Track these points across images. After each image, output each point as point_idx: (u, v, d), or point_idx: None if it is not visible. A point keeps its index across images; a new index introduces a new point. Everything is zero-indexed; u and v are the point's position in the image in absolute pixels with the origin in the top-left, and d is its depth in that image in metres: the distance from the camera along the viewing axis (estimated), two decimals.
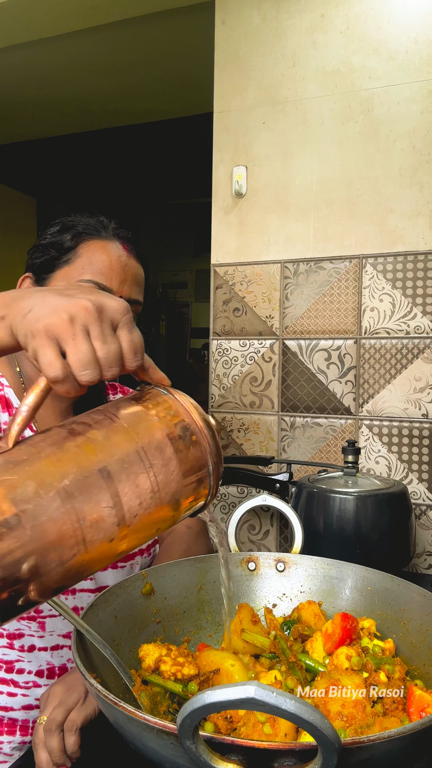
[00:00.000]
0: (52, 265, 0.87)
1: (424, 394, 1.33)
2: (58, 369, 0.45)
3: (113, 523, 0.44)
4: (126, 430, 0.47)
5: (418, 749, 0.47)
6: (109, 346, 0.47)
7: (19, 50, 2.20)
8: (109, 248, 0.86)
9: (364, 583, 0.77)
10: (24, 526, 0.40)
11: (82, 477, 0.43)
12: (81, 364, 0.46)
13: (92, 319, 0.47)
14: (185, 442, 0.49)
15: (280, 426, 1.47)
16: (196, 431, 0.50)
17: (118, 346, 0.48)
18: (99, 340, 0.47)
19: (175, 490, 0.48)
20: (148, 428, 0.48)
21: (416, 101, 1.33)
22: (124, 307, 0.49)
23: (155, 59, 2.27)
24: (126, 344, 0.49)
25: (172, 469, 0.47)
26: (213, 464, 0.50)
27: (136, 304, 0.89)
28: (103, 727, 0.57)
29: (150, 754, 0.48)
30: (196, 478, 0.49)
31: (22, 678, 0.83)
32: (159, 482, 0.47)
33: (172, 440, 0.48)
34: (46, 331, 0.46)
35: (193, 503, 0.51)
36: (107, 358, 0.47)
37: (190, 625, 0.77)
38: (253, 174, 1.49)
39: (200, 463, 0.50)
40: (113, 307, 0.48)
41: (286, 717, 0.35)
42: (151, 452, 0.47)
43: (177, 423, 0.49)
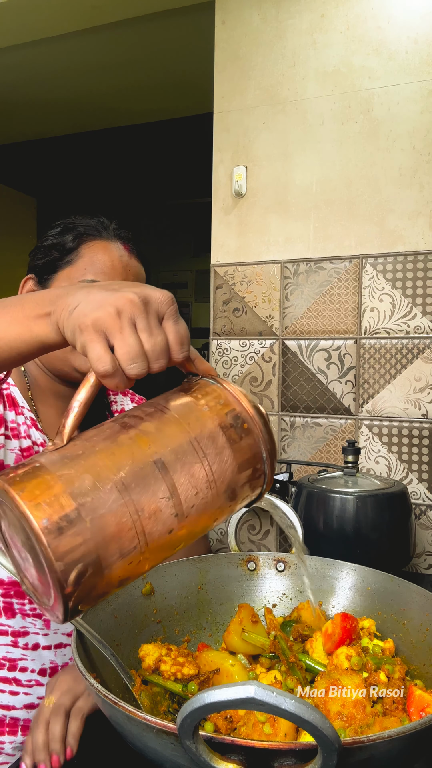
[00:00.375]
0: (55, 266, 0.87)
1: (424, 394, 1.33)
2: (108, 363, 0.45)
3: (171, 513, 0.44)
4: (178, 421, 0.47)
5: (418, 749, 0.47)
6: (155, 338, 0.47)
7: (19, 50, 2.20)
8: (110, 248, 0.87)
9: (364, 583, 0.77)
10: (84, 519, 0.41)
11: (138, 469, 0.44)
12: (129, 357, 0.46)
13: (138, 311, 0.47)
14: (237, 430, 0.49)
15: (280, 426, 1.47)
16: (248, 419, 0.50)
17: (165, 338, 0.48)
18: (146, 333, 0.47)
19: (231, 479, 0.47)
20: (199, 418, 0.48)
21: (416, 101, 1.33)
22: (170, 298, 0.49)
23: (155, 59, 2.27)
24: (172, 336, 0.48)
25: (225, 458, 0.47)
26: (267, 452, 0.50)
27: None
28: (103, 727, 0.57)
29: (150, 754, 0.48)
30: (250, 467, 0.49)
31: (24, 676, 0.83)
32: (214, 471, 0.46)
33: (224, 429, 0.48)
34: (94, 325, 0.46)
35: (249, 493, 0.50)
36: (154, 350, 0.47)
37: (190, 625, 0.77)
38: (253, 174, 1.49)
39: (254, 451, 0.49)
40: (158, 298, 0.48)
41: (285, 717, 0.35)
42: (204, 442, 0.47)
43: (228, 412, 0.49)
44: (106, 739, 0.69)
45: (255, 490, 0.51)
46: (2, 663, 0.83)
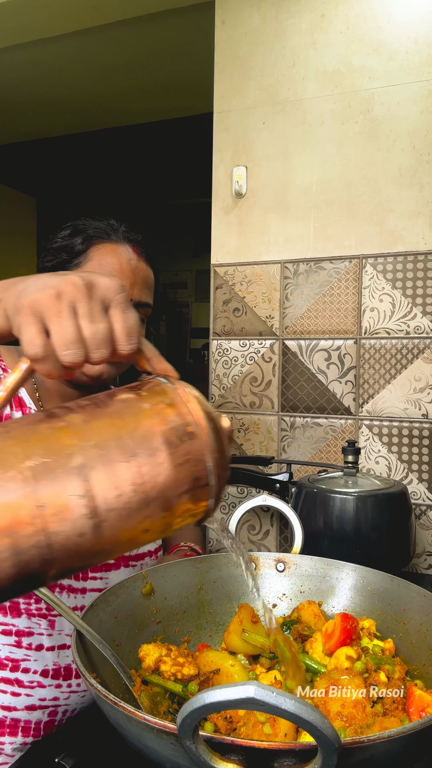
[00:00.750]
0: (63, 268, 0.88)
1: (424, 394, 1.33)
2: (39, 347, 0.42)
3: (83, 514, 0.39)
4: (110, 416, 0.43)
5: (418, 749, 0.47)
6: (96, 326, 0.44)
7: (19, 50, 2.20)
8: (119, 251, 0.87)
9: (364, 583, 0.77)
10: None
11: (50, 459, 0.40)
12: (64, 343, 0.43)
13: (80, 295, 0.43)
14: (179, 433, 0.43)
15: (280, 426, 1.47)
16: (193, 422, 0.44)
17: (108, 327, 0.44)
18: (86, 319, 0.43)
19: (164, 485, 0.42)
20: (135, 414, 0.43)
21: (416, 101, 1.33)
22: (118, 286, 0.46)
23: (155, 59, 2.27)
24: (118, 325, 0.45)
25: (159, 461, 0.42)
26: (213, 461, 0.44)
27: (146, 306, 0.91)
28: (103, 727, 0.57)
29: (150, 754, 0.48)
30: (190, 475, 0.43)
31: (27, 677, 0.83)
32: (143, 474, 0.41)
33: (162, 429, 0.43)
34: (30, 307, 0.43)
35: (190, 505, 0.45)
36: (94, 338, 0.43)
37: (190, 625, 0.77)
38: (253, 174, 1.49)
39: (196, 458, 0.44)
40: (105, 284, 0.45)
41: (285, 717, 0.35)
42: (135, 440, 0.42)
43: (171, 413, 0.44)
44: (106, 739, 0.69)
45: (198, 503, 0.45)
46: (5, 663, 0.83)
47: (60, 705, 0.86)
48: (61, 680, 0.85)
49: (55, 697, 0.85)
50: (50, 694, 0.84)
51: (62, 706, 0.86)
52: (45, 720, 0.85)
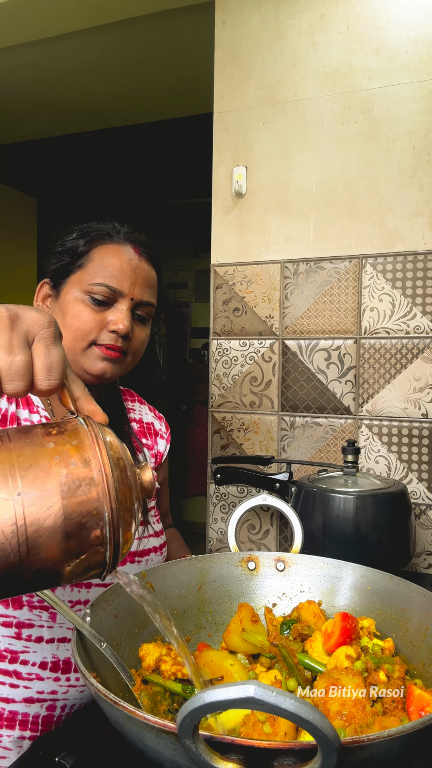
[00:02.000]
0: (67, 270, 0.90)
1: (423, 393, 1.33)
2: None
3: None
4: (8, 450, 0.42)
5: (418, 748, 0.47)
6: (13, 357, 0.44)
7: (19, 50, 2.20)
8: (120, 252, 0.89)
9: (364, 583, 0.77)
10: None
11: None
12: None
13: (2, 326, 0.44)
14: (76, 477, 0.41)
15: (279, 426, 1.47)
16: (97, 469, 0.42)
17: (26, 360, 0.44)
18: (4, 350, 0.44)
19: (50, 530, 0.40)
20: (35, 453, 0.42)
21: (416, 101, 1.33)
22: (46, 321, 0.46)
23: (155, 59, 2.27)
24: (39, 360, 0.45)
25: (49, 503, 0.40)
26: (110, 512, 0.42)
27: (148, 305, 0.92)
28: (103, 727, 0.57)
29: (150, 754, 0.48)
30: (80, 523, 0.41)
31: (25, 669, 0.84)
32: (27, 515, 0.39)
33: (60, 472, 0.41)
34: None
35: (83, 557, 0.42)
36: (9, 370, 0.43)
37: (190, 624, 0.77)
38: (253, 174, 1.49)
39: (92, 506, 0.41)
40: (31, 318, 0.45)
41: (285, 716, 0.35)
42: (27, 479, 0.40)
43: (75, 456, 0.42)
44: (106, 739, 0.69)
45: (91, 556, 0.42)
46: (4, 655, 0.83)
47: (58, 699, 0.86)
48: (59, 673, 0.85)
49: (53, 690, 0.85)
50: (48, 687, 0.85)
51: (60, 701, 0.86)
52: (43, 714, 0.85)
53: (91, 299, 0.86)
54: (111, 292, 0.86)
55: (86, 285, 0.86)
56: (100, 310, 0.87)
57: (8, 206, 3.70)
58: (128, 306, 0.88)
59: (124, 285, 0.87)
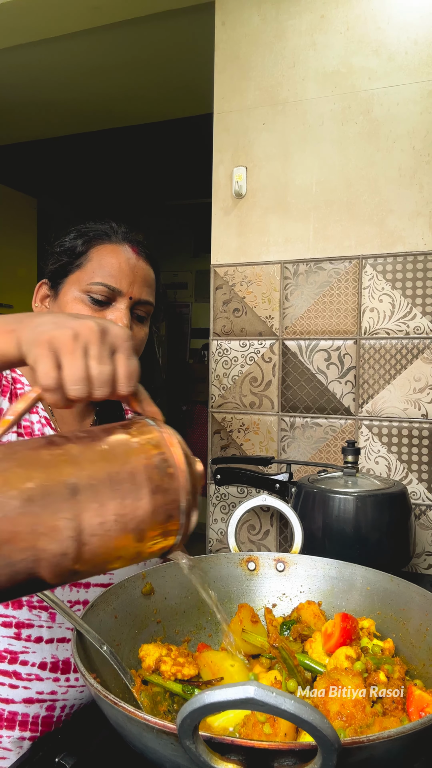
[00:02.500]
0: (65, 270, 0.90)
1: (423, 394, 1.33)
2: (51, 379, 0.48)
3: (69, 536, 0.43)
4: (103, 450, 0.48)
5: (418, 749, 0.47)
6: (103, 367, 0.49)
7: (19, 51, 2.20)
8: (118, 251, 0.89)
9: (364, 583, 0.77)
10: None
11: (48, 484, 0.44)
12: (73, 379, 0.48)
13: (94, 338, 0.49)
14: (160, 472, 0.48)
15: (279, 426, 1.47)
16: (174, 465, 0.49)
17: (113, 369, 0.50)
18: (95, 360, 0.49)
19: (141, 518, 0.47)
20: (125, 452, 0.48)
21: (416, 102, 1.33)
22: (127, 335, 0.52)
23: (155, 60, 2.27)
24: (121, 369, 0.50)
25: (141, 495, 0.47)
26: (186, 501, 0.49)
27: (147, 304, 0.93)
28: (103, 727, 0.57)
29: (150, 754, 0.48)
30: (165, 513, 0.48)
31: (25, 669, 0.84)
32: (125, 506, 0.46)
33: (146, 468, 0.48)
34: (48, 342, 0.49)
35: (160, 539, 0.49)
36: (99, 378, 0.49)
37: (190, 625, 0.77)
38: (253, 174, 1.49)
39: (172, 497, 0.48)
40: (116, 332, 0.51)
41: (285, 717, 0.36)
42: (122, 475, 0.46)
43: (156, 454, 0.49)
44: (106, 739, 0.69)
45: (167, 538, 0.50)
46: (3, 656, 0.83)
47: (58, 699, 0.86)
48: (59, 674, 0.85)
49: (52, 690, 0.85)
50: (48, 688, 0.85)
51: (60, 701, 0.86)
52: (43, 715, 0.85)
53: (90, 299, 0.86)
54: (110, 291, 0.86)
55: (85, 284, 0.87)
56: (99, 309, 0.87)
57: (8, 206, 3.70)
58: (127, 305, 0.88)
59: (122, 284, 0.87)
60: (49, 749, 0.70)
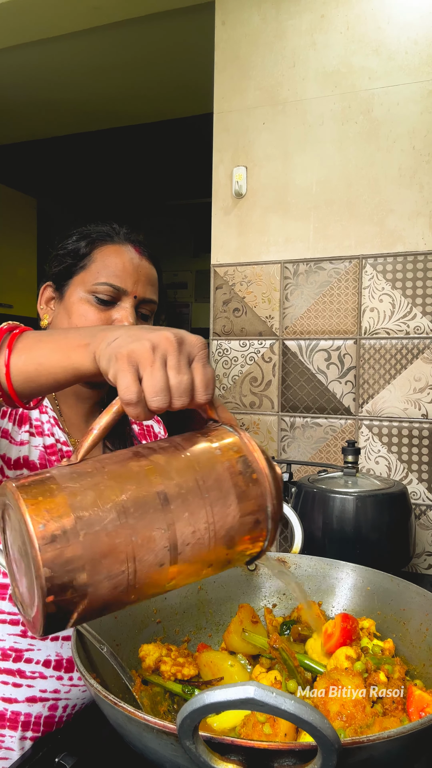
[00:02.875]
0: (70, 272, 0.91)
1: (423, 394, 1.33)
2: (133, 393, 0.48)
3: (164, 546, 0.44)
4: (188, 459, 0.48)
5: (418, 749, 0.47)
6: (182, 377, 0.49)
7: (19, 51, 2.20)
8: (121, 251, 0.91)
9: (364, 583, 0.77)
10: (78, 532, 0.41)
11: (140, 495, 0.44)
12: (154, 391, 0.48)
13: (172, 349, 0.49)
14: (245, 478, 0.48)
15: (280, 426, 1.47)
16: (258, 470, 0.49)
17: (191, 378, 0.50)
18: (174, 370, 0.49)
19: (231, 525, 0.47)
20: (209, 460, 0.48)
21: (416, 101, 1.33)
22: (202, 343, 0.52)
23: (155, 60, 2.27)
24: (199, 377, 0.51)
25: (229, 502, 0.47)
26: (272, 506, 0.49)
27: (151, 303, 0.94)
28: (103, 727, 0.57)
29: (150, 755, 0.48)
30: (253, 517, 0.48)
31: (29, 668, 0.84)
32: (215, 513, 0.46)
33: (232, 474, 0.48)
34: (128, 356, 0.49)
35: (248, 546, 0.49)
36: (179, 387, 0.49)
37: (190, 625, 0.77)
38: (253, 174, 1.49)
39: (259, 502, 0.48)
40: (192, 341, 0.51)
41: (285, 717, 0.35)
42: (209, 483, 0.47)
43: (239, 459, 0.49)
44: (106, 739, 0.69)
45: (255, 544, 0.49)
46: (8, 654, 0.83)
47: (60, 698, 0.86)
48: (63, 672, 0.85)
49: (55, 689, 0.85)
50: (51, 686, 0.85)
51: (62, 700, 0.86)
52: (45, 714, 0.85)
53: (96, 299, 0.88)
54: (115, 290, 0.88)
55: (90, 285, 0.88)
56: (105, 309, 0.88)
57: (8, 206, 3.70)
58: (132, 304, 0.89)
59: (127, 283, 0.89)
60: (49, 749, 0.70)
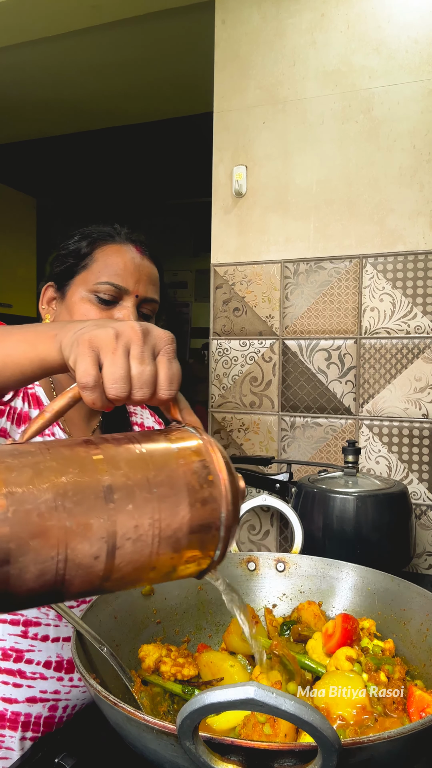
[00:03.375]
0: (72, 271, 0.92)
1: (424, 394, 1.33)
2: (91, 377, 0.47)
3: (101, 537, 0.41)
4: (141, 454, 0.46)
5: (418, 749, 0.47)
6: (144, 368, 0.48)
7: (19, 50, 2.20)
8: (123, 251, 0.91)
9: (364, 584, 0.77)
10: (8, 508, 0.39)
11: (82, 480, 0.42)
12: (113, 378, 0.47)
13: (136, 338, 0.48)
14: (200, 479, 0.46)
15: (280, 426, 1.47)
16: (215, 473, 0.46)
17: (154, 371, 0.49)
18: (137, 360, 0.48)
19: (178, 526, 0.44)
20: (164, 456, 0.46)
21: (416, 100, 1.33)
22: (170, 337, 0.50)
23: (155, 58, 2.27)
24: (163, 371, 0.49)
25: (179, 501, 0.44)
26: (227, 513, 0.46)
27: (152, 302, 0.94)
28: (103, 727, 0.57)
29: (150, 755, 0.47)
30: (204, 522, 0.45)
31: (29, 668, 0.84)
32: (162, 511, 0.43)
33: (186, 474, 0.45)
34: (90, 341, 0.48)
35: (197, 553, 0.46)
36: (140, 378, 0.48)
37: (190, 625, 0.77)
38: (253, 174, 1.49)
39: (212, 507, 0.46)
40: (158, 334, 0.50)
41: (285, 717, 0.35)
42: (160, 479, 0.44)
43: (196, 460, 0.47)
44: (106, 739, 0.69)
45: (205, 551, 0.46)
46: (9, 654, 0.83)
47: (60, 699, 0.86)
48: (63, 673, 0.86)
49: (56, 690, 0.85)
50: (51, 687, 0.85)
51: (63, 701, 0.86)
52: (45, 715, 0.85)
53: (98, 298, 0.88)
54: (116, 290, 0.88)
55: (92, 285, 0.88)
56: (107, 308, 0.88)
57: (8, 206, 3.70)
58: (134, 303, 0.90)
59: (128, 283, 0.89)
60: (49, 750, 0.70)
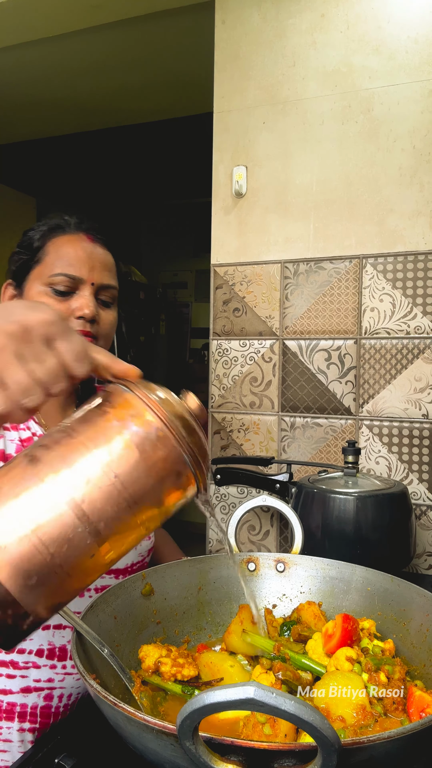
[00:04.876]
0: (27, 267, 0.93)
1: (424, 394, 1.33)
2: (1, 404, 0.44)
3: (84, 539, 0.43)
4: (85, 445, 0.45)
5: (418, 750, 0.47)
6: (45, 364, 0.45)
7: (19, 50, 2.20)
8: (74, 241, 0.92)
9: (364, 584, 0.77)
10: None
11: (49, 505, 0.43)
12: (21, 392, 0.44)
13: (20, 342, 0.44)
14: (150, 441, 0.45)
15: (280, 426, 1.47)
16: (161, 427, 0.45)
17: (57, 360, 0.46)
18: (34, 362, 0.45)
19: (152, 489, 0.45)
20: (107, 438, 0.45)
21: (416, 101, 1.33)
22: (53, 317, 0.47)
23: (155, 59, 2.27)
24: (67, 355, 0.46)
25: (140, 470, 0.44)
26: (190, 453, 0.46)
27: (110, 288, 0.95)
28: (103, 727, 0.57)
29: (150, 755, 0.47)
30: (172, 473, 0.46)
31: (22, 658, 0.84)
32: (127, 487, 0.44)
33: (136, 443, 0.45)
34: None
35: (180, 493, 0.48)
36: (48, 376, 0.45)
37: (190, 625, 0.77)
38: (253, 174, 1.49)
39: (173, 458, 0.46)
40: (40, 320, 0.46)
41: (285, 718, 0.35)
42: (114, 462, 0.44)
43: (138, 422, 0.45)
44: (105, 740, 0.69)
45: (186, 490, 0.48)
46: None
47: (55, 687, 0.86)
48: (56, 660, 0.85)
49: (49, 678, 0.85)
50: (45, 675, 0.85)
51: (57, 689, 0.86)
52: (41, 705, 0.85)
53: (54, 291, 0.89)
54: (71, 280, 0.89)
55: (46, 278, 0.89)
56: (64, 299, 0.89)
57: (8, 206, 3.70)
58: (91, 291, 0.91)
59: (82, 271, 0.90)
60: (49, 750, 0.70)
